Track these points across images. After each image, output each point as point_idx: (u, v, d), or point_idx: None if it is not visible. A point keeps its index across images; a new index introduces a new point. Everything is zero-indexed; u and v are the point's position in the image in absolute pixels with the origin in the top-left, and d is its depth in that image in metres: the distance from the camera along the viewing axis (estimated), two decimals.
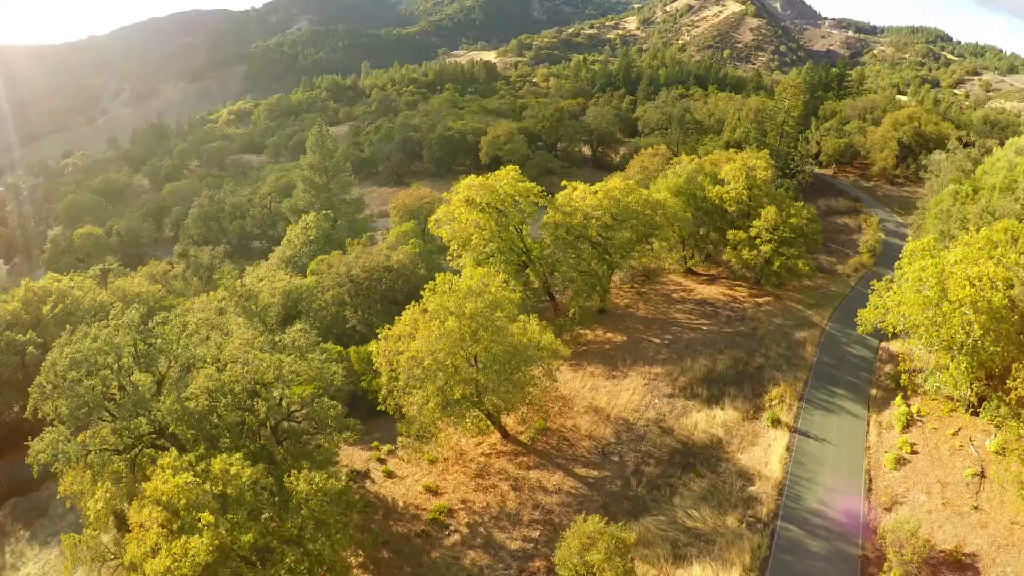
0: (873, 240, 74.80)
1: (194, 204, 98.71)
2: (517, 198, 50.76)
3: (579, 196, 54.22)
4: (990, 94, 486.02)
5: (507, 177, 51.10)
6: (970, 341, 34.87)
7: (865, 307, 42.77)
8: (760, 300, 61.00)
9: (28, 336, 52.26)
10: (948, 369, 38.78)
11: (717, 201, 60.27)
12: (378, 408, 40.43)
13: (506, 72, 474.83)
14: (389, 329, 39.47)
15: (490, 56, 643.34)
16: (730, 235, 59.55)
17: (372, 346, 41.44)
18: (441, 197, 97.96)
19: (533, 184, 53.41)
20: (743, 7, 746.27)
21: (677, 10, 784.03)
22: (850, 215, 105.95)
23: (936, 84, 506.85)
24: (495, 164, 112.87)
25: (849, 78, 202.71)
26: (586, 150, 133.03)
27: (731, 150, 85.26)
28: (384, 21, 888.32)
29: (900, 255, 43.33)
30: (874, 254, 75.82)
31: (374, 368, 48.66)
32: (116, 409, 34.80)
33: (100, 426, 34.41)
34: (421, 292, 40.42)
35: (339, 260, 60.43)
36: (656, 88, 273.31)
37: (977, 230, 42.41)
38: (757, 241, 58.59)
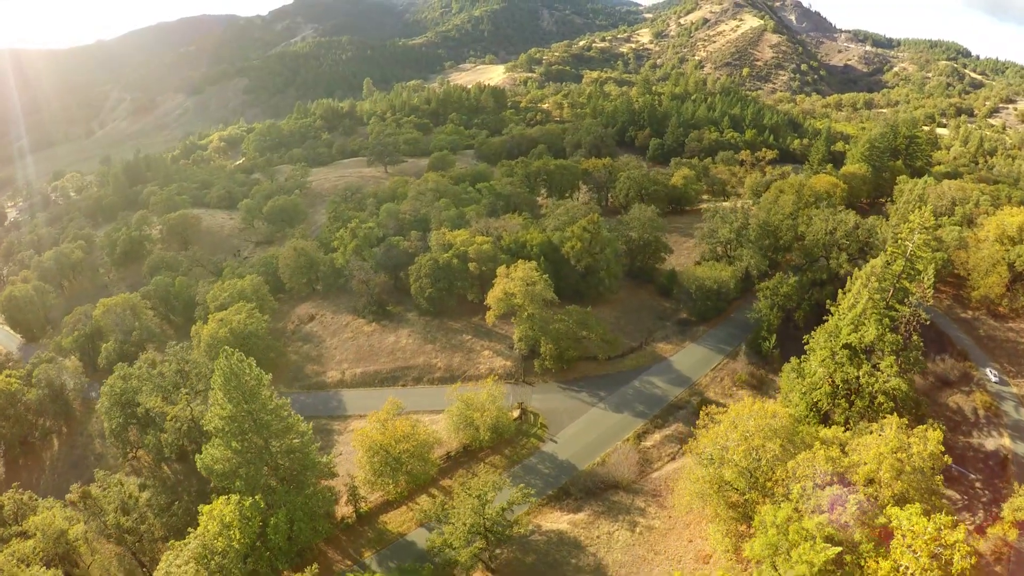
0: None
1: (104, 385, 72.67)
2: None
3: None
4: None
5: None
6: None
7: None
8: None
9: None
10: None
11: None
12: None
13: (515, 92, 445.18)
14: None
15: (498, 70, 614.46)
16: None
17: None
18: (430, 424, 68.05)
19: None
20: (761, 22, 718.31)
21: (692, 23, 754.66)
22: (961, 385, 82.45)
23: (971, 114, 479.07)
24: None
25: (918, 140, 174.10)
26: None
27: (861, 362, 56.77)
28: (392, 30, 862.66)
29: None
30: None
31: None
32: None
33: None
34: None
35: None
36: (686, 130, 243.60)
37: None
38: None
